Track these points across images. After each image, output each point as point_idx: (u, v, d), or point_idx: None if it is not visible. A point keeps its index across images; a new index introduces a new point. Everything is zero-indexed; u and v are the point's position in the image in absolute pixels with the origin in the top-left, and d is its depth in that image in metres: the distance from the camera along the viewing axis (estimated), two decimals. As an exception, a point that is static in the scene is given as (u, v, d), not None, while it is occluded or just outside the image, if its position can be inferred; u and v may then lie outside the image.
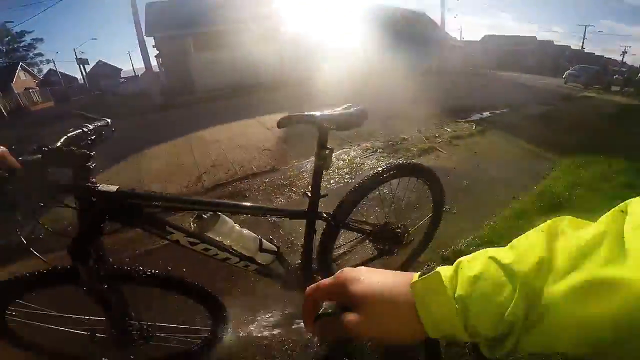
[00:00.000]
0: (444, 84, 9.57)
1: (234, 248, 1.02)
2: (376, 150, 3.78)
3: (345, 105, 1.12)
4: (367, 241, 1.41)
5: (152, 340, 1.19)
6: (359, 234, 1.38)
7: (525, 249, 0.30)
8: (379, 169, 1.27)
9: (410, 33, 14.04)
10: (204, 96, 10.89)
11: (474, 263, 0.31)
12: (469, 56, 14.36)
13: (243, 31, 12.07)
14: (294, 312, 1.38)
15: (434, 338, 0.32)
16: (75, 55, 24.12)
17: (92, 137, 0.89)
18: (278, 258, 1.17)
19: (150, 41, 12.44)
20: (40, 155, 0.71)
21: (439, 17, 16.51)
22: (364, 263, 1.47)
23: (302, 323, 0.38)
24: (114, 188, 0.83)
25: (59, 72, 24.74)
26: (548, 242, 0.29)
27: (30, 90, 20.31)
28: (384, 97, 6.55)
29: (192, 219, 0.97)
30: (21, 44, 26.09)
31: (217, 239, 0.99)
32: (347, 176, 3.10)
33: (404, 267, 1.57)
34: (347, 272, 0.36)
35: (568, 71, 15.38)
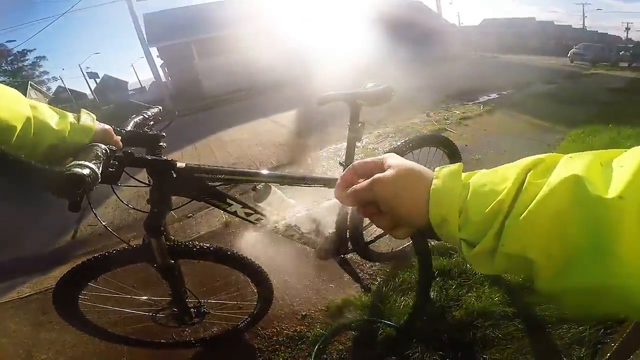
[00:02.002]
0: (445, 71, 9.58)
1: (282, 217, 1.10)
2: (388, 136, 3.90)
3: (371, 84, 1.20)
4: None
5: (206, 317, 1.24)
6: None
7: (528, 159, 0.33)
8: (402, 141, 1.37)
9: (408, 23, 14.02)
10: (214, 100, 10.96)
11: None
12: (468, 41, 14.27)
13: (243, 34, 12.17)
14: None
15: (423, 232, 0.38)
16: (82, 70, 24.35)
17: (152, 122, 0.98)
18: (317, 228, 1.26)
19: (154, 51, 12.69)
20: (119, 137, 0.78)
21: (434, 5, 16.48)
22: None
23: None
24: (183, 163, 0.88)
25: (68, 88, 24.77)
26: (549, 155, 0.33)
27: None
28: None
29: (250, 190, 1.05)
30: (25, 63, 26.13)
31: (268, 208, 1.07)
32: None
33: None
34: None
35: (572, 50, 15.06)
